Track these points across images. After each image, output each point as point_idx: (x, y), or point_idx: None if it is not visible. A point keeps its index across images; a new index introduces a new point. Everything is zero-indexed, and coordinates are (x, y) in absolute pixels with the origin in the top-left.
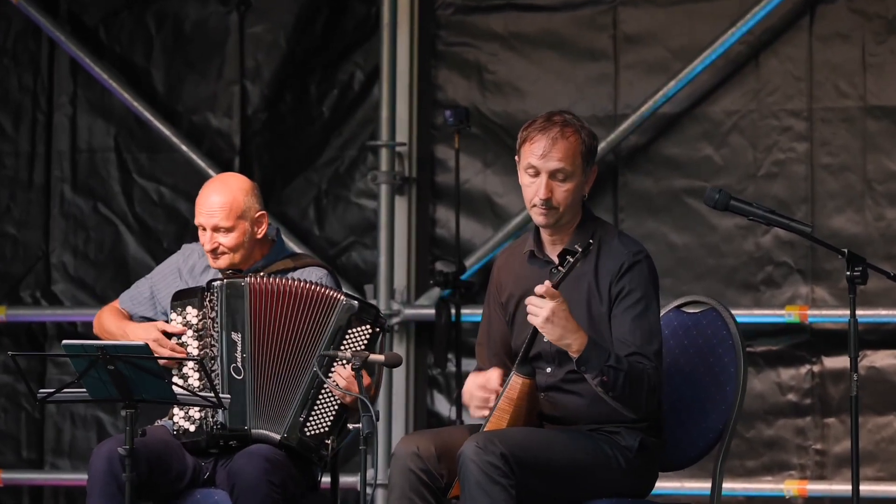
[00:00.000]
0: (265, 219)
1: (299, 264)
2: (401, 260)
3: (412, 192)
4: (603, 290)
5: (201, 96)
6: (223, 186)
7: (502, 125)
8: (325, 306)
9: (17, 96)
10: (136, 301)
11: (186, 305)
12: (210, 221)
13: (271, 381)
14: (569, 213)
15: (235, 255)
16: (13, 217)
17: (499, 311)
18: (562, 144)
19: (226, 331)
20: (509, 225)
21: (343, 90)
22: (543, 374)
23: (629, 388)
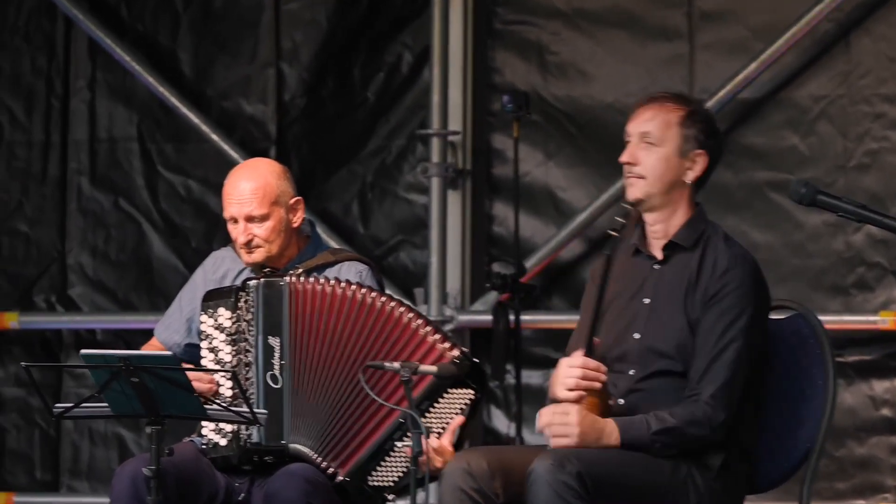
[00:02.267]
0: (301, 205)
1: (340, 258)
2: (454, 261)
3: (466, 185)
4: (700, 291)
5: (233, 80)
6: (252, 172)
7: (565, 111)
8: (429, 352)
9: (29, 80)
10: (171, 328)
11: (219, 307)
12: (242, 211)
13: (314, 394)
14: (657, 185)
15: (272, 247)
16: (25, 214)
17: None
18: (656, 110)
19: (262, 335)
20: (573, 222)
21: (390, 73)
22: (625, 377)
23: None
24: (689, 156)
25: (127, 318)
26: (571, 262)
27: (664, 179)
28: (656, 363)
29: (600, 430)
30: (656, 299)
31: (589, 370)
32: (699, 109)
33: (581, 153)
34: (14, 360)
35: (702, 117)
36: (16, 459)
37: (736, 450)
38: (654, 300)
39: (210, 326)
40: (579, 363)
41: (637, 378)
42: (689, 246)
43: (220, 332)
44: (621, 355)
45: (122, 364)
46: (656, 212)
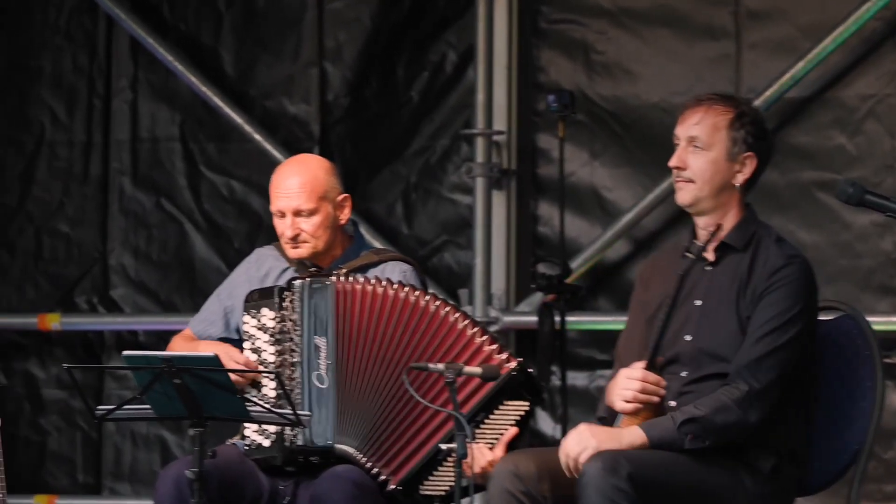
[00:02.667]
0: (348, 203)
1: (384, 258)
2: (499, 261)
3: (511, 185)
4: (750, 290)
5: (276, 80)
6: (301, 166)
7: (611, 111)
8: (483, 361)
9: (71, 80)
10: (207, 321)
11: (262, 307)
12: (290, 204)
13: (361, 395)
14: (706, 188)
15: (319, 242)
16: (67, 214)
17: (640, 313)
18: (703, 112)
19: (308, 334)
20: (620, 222)
21: (434, 72)
22: (677, 378)
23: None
24: (738, 159)
25: (169, 320)
26: (617, 262)
27: (713, 183)
28: (709, 366)
29: (618, 436)
30: (708, 301)
31: (648, 384)
32: (748, 111)
33: (627, 153)
34: (56, 361)
35: (750, 119)
36: (58, 462)
37: (785, 452)
38: (706, 302)
39: (253, 327)
40: (639, 376)
41: (689, 380)
42: (740, 247)
43: (263, 333)
44: (673, 357)
45: (164, 365)
46: (706, 215)
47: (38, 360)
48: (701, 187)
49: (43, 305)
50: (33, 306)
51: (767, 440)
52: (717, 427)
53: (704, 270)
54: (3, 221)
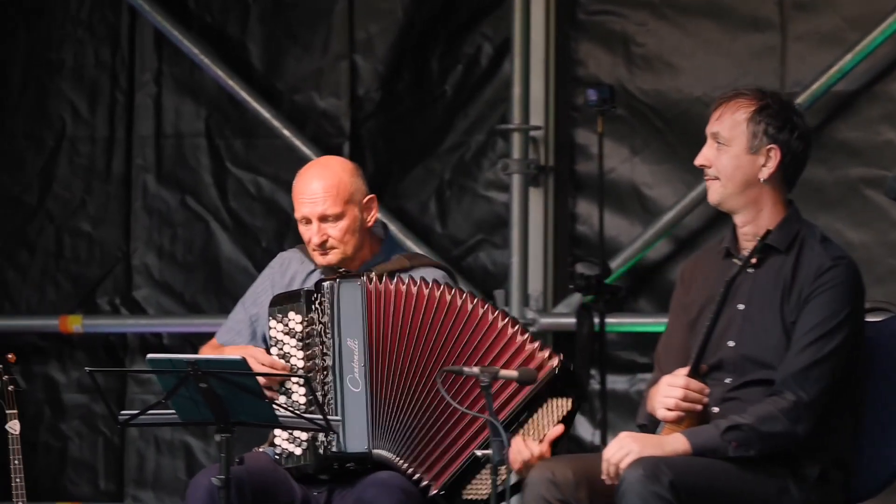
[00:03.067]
0: (375, 203)
1: (416, 263)
2: (536, 261)
3: (549, 182)
4: (795, 294)
5: (305, 73)
6: (324, 170)
7: (652, 105)
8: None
9: (93, 74)
10: (233, 331)
11: (288, 311)
12: (315, 210)
13: (396, 399)
14: (730, 185)
15: (347, 248)
16: (88, 212)
17: (681, 315)
18: (724, 108)
19: (339, 337)
20: (661, 221)
21: (469, 65)
22: (720, 385)
23: (763, 435)
24: (760, 152)
25: (194, 322)
26: (658, 262)
27: (736, 179)
28: (753, 372)
29: (660, 442)
30: (751, 305)
31: (691, 391)
32: (771, 103)
33: (668, 149)
34: (77, 365)
35: (773, 111)
36: (79, 469)
37: (833, 459)
38: (749, 306)
39: (280, 332)
40: (682, 383)
41: (732, 387)
42: (783, 248)
43: (290, 338)
44: (716, 364)
45: (190, 369)
46: (739, 213)
47: (59, 364)
48: (725, 184)
49: (64, 307)
50: (54, 308)
51: (814, 447)
52: (762, 436)
53: (747, 273)
54: (23, 220)
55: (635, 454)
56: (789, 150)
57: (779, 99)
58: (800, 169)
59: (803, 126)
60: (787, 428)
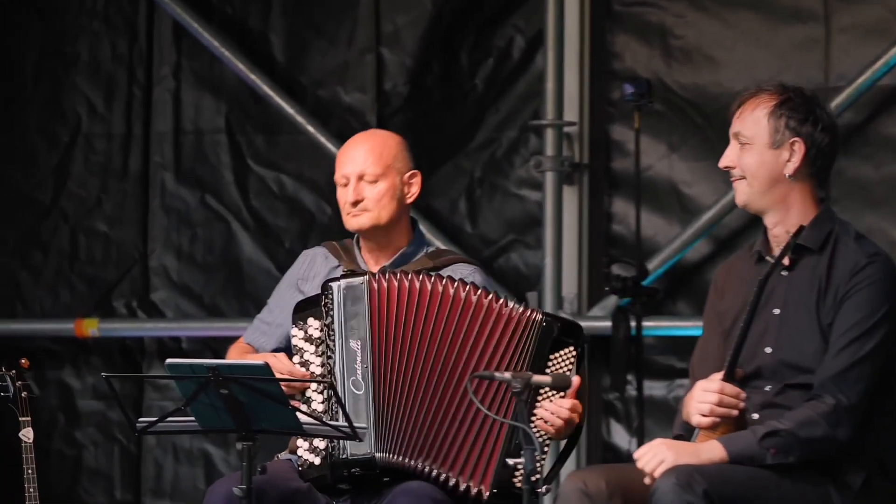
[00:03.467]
0: (417, 180)
1: (440, 263)
2: (570, 262)
3: (583, 180)
4: (831, 295)
5: (329, 67)
6: (370, 135)
7: (691, 100)
8: (516, 326)
9: (109, 68)
10: (258, 330)
11: (308, 317)
12: (356, 169)
13: (403, 401)
14: (755, 184)
15: (382, 213)
16: (104, 212)
17: (716, 324)
18: (745, 106)
19: (342, 338)
20: (700, 220)
21: (500, 59)
22: (760, 392)
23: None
24: (783, 146)
25: (214, 325)
26: (697, 263)
27: (761, 176)
28: (792, 378)
29: (696, 450)
30: (787, 309)
31: (726, 396)
32: (792, 97)
33: (708, 145)
34: (92, 370)
35: (794, 104)
36: (94, 478)
37: (876, 466)
38: (785, 310)
39: (301, 339)
40: (716, 388)
41: (772, 393)
42: (816, 248)
43: (310, 344)
44: (754, 371)
45: (210, 374)
46: (769, 213)
47: (74, 369)
48: (751, 182)
49: (79, 310)
50: (68, 311)
51: (856, 452)
52: (801, 441)
53: (781, 276)
54: (37, 220)
55: (669, 462)
56: (814, 143)
57: (800, 92)
58: (828, 164)
59: (827, 119)
60: (828, 432)
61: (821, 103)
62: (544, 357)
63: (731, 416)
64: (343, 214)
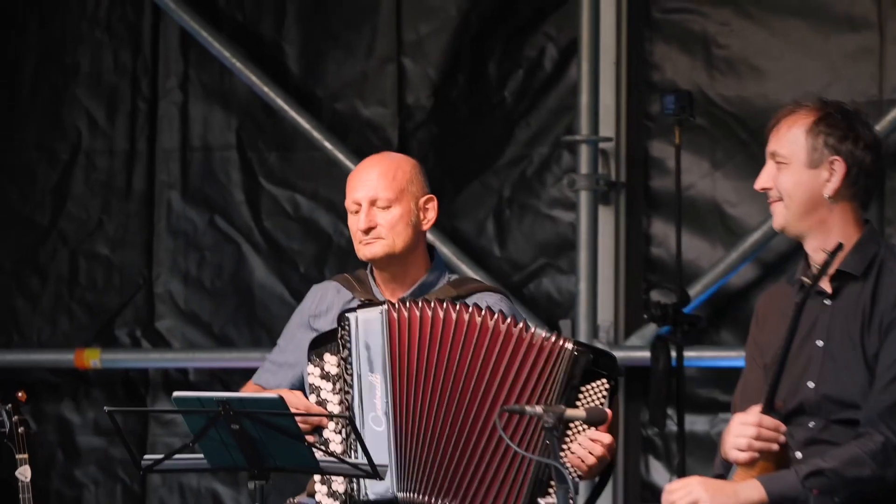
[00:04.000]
0: (433, 206)
1: (464, 292)
2: (606, 288)
3: (620, 200)
4: (875, 323)
5: (347, 78)
6: (383, 158)
7: (735, 114)
8: (547, 356)
9: (112, 79)
10: (270, 372)
11: (324, 353)
12: (367, 193)
13: (425, 438)
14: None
15: (396, 241)
16: (106, 234)
17: (757, 357)
18: (782, 123)
19: (360, 372)
20: (745, 242)
21: (531, 69)
22: (804, 429)
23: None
24: (821, 165)
25: (224, 356)
26: (742, 289)
27: (798, 197)
28: (837, 413)
29: (734, 490)
30: (830, 340)
31: (765, 429)
32: (832, 112)
33: (753, 162)
34: (93, 404)
35: (832, 121)
36: None
37: None
38: (829, 342)
39: (317, 377)
40: (754, 420)
41: (817, 430)
42: (859, 274)
43: (327, 382)
44: (797, 407)
45: (220, 408)
46: (808, 237)
47: (74, 403)
48: (788, 205)
49: (79, 340)
50: (68, 341)
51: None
52: (848, 481)
53: (823, 305)
54: (34, 243)
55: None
56: (854, 161)
57: (841, 108)
58: (872, 184)
59: (870, 136)
60: (876, 472)
61: (863, 119)
62: (576, 389)
63: (770, 451)
64: (355, 243)
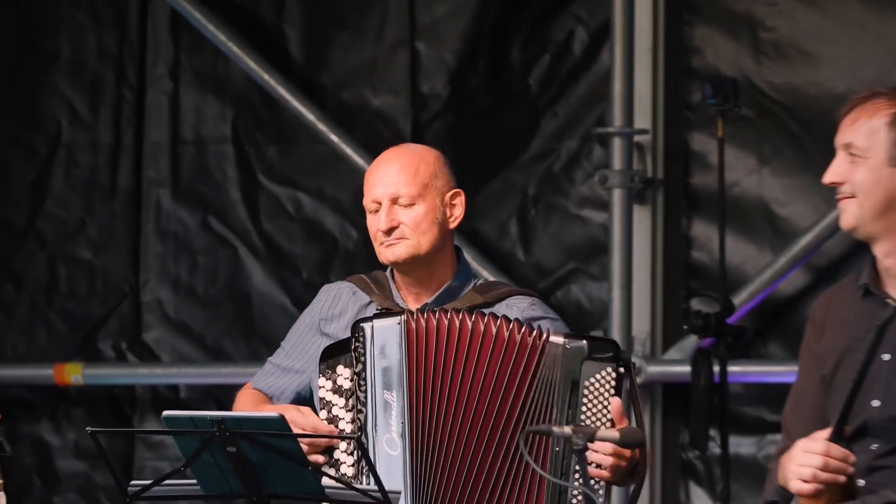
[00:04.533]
0: (461, 201)
1: (492, 297)
2: (642, 296)
3: (657, 198)
4: None
5: (355, 65)
6: (403, 151)
7: (785, 103)
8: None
9: (95, 66)
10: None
11: (337, 364)
12: (388, 190)
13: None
14: (867, 205)
15: (421, 240)
16: (89, 236)
17: (813, 368)
18: (859, 113)
19: (374, 389)
20: (795, 246)
21: (558, 55)
22: (866, 452)
23: None
24: None
25: (219, 371)
26: (792, 297)
27: (875, 197)
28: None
29: None
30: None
31: (833, 460)
32: None
33: (804, 157)
34: (74, 424)
35: None
36: None
37: None
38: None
39: (329, 391)
40: (820, 449)
41: (880, 453)
42: None
43: (339, 397)
44: (860, 427)
45: (215, 429)
46: (880, 242)
47: (52, 423)
48: (862, 203)
49: (58, 353)
50: (46, 355)
51: None
52: None
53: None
54: (10, 246)
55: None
56: None
57: None
58: None
59: None
60: None
61: None
62: (579, 384)
63: (837, 483)
64: (375, 245)
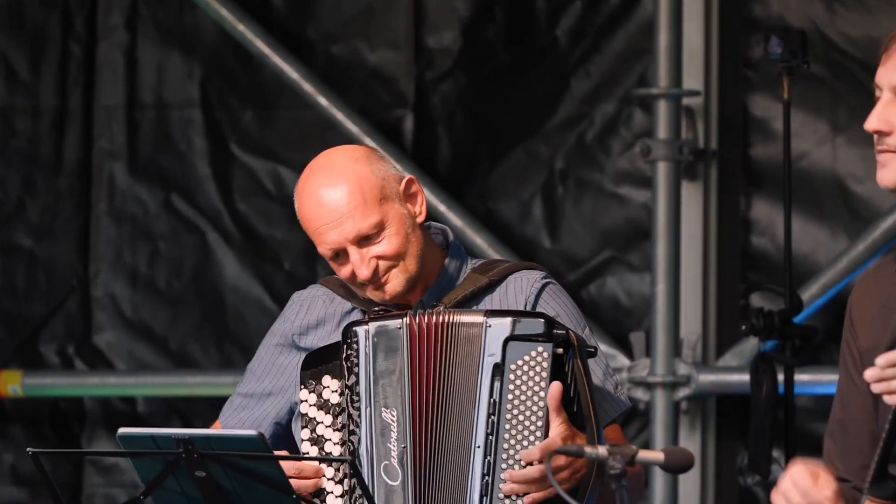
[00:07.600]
0: (416, 186)
1: (495, 276)
2: (692, 291)
3: (710, 174)
4: None
5: (348, 14)
6: (329, 172)
7: (863, 60)
8: (465, 341)
9: (36, 17)
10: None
11: (323, 375)
12: (345, 234)
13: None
14: None
15: (410, 263)
16: (28, 220)
17: (855, 374)
18: None
19: (370, 407)
20: (875, 230)
21: (592, 1)
22: None
23: None
24: None
25: (184, 381)
26: None
27: None
28: None
29: None
30: None
31: None
32: None
33: None
34: (12, 444)
35: None
36: None
37: None
38: None
39: (312, 406)
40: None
41: None
42: None
43: (325, 413)
44: None
45: (181, 450)
46: None
47: None
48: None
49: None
50: None
51: None
52: None
53: None
54: None
55: None
56: None
57: None
58: None
59: None
60: None
61: None
62: (501, 370)
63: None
64: (360, 291)
